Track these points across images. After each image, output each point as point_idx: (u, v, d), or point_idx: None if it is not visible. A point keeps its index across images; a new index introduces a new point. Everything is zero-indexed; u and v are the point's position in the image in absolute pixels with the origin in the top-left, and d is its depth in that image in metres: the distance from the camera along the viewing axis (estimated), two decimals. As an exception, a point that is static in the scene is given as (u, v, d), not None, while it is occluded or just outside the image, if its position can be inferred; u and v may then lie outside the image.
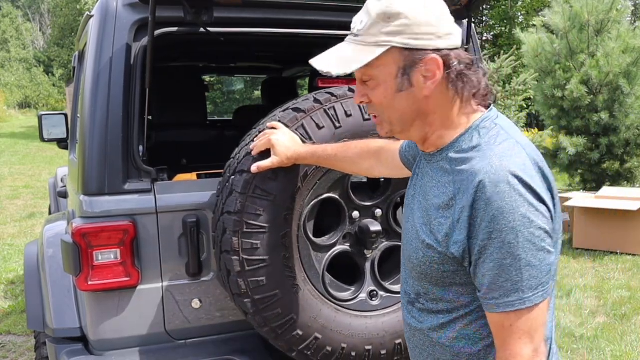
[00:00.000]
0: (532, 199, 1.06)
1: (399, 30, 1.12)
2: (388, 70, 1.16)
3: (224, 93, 14.98)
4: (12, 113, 29.72)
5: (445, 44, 1.13)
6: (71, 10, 29.15)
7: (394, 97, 1.18)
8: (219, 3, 2.20)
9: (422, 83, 1.15)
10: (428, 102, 1.17)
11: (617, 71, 7.31)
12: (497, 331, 1.11)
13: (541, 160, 1.13)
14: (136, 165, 2.11)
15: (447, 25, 1.14)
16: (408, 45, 1.12)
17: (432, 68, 1.13)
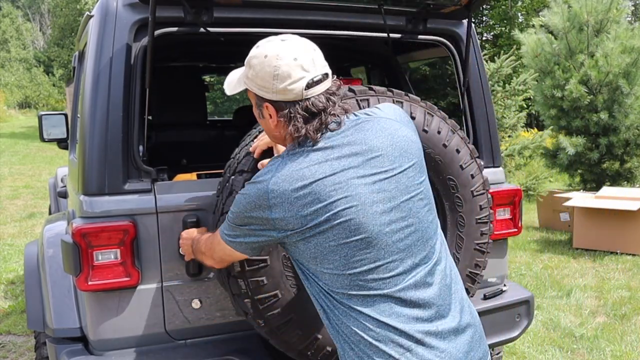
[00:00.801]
0: (248, 207, 1.51)
1: (251, 78, 1.52)
2: (252, 101, 1.57)
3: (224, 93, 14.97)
4: (12, 113, 29.72)
5: (279, 97, 1.48)
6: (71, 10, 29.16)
7: (259, 120, 1.60)
8: (219, 3, 2.20)
9: (268, 118, 1.54)
10: (278, 131, 1.55)
11: (617, 71, 7.30)
12: None
13: (270, 193, 1.46)
14: (136, 165, 2.12)
15: (284, 84, 1.45)
16: (254, 91, 1.52)
17: (270, 112, 1.52)
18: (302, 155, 1.47)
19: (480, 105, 2.68)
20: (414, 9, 2.48)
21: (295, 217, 1.44)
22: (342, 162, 1.46)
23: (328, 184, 1.43)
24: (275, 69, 1.45)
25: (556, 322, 4.29)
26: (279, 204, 1.44)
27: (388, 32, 2.45)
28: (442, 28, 2.59)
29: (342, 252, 1.44)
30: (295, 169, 1.45)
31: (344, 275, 1.45)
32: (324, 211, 1.43)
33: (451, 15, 2.56)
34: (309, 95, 1.47)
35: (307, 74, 1.46)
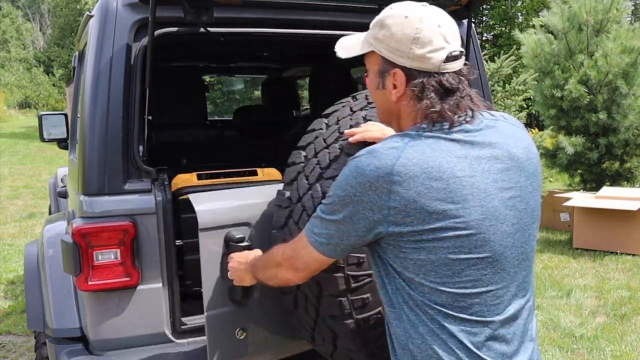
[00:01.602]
0: (358, 186, 1.26)
1: (381, 39, 1.34)
2: (373, 68, 1.39)
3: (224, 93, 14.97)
4: (12, 113, 29.69)
5: (414, 65, 1.30)
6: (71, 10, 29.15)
7: (375, 92, 1.41)
8: (219, 3, 2.20)
9: (391, 89, 1.35)
10: (398, 106, 1.37)
11: (616, 71, 7.30)
12: None
13: (396, 175, 1.23)
14: (136, 165, 2.12)
15: (423, 50, 1.29)
16: (383, 54, 1.34)
17: (398, 80, 1.33)
18: (438, 141, 1.26)
19: (480, 105, 2.68)
20: (414, 9, 2.48)
21: (418, 212, 1.22)
22: (482, 165, 1.27)
23: (466, 185, 1.24)
24: (416, 31, 1.28)
25: (556, 322, 4.29)
26: (403, 191, 1.21)
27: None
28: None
29: (457, 267, 1.25)
30: (431, 155, 1.24)
31: (449, 292, 1.26)
32: (453, 215, 1.22)
33: (451, 15, 2.55)
34: (445, 70, 1.30)
35: (447, 46, 1.30)
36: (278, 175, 2.69)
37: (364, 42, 1.40)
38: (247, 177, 2.62)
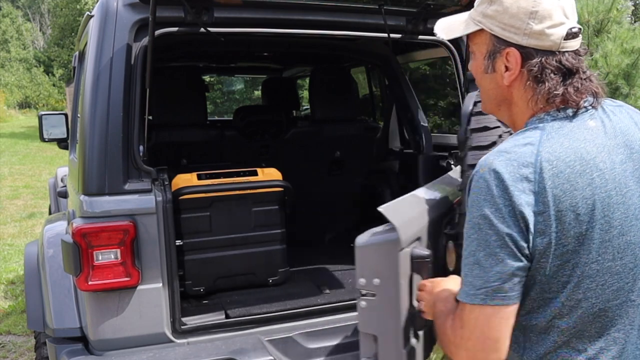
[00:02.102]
0: (497, 194, 1.05)
1: (492, 15, 1.17)
2: (480, 49, 1.22)
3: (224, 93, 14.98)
4: (12, 113, 29.69)
5: (530, 43, 1.14)
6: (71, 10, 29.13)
7: (482, 77, 1.24)
8: (219, 3, 2.20)
9: (503, 72, 1.18)
10: (510, 91, 1.20)
11: (616, 72, 7.30)
12: None
13: (560, 172, 1.06)
14: (136, 165, 2.12)
15: (542, 26, 1.13)
16: (494, 31, 1.17)
17: (512, 61, 1.16)
18: (572, 130, 1.11)
19: (480, 105, 2.68)
20: (414, 9, 2.48)
21: (564, 212, 1.05)
22: (618, 155, 1.12)
23: (609, 179, 1.09)
24: (534, 4, 1.12)
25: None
26: (545, 190, 1.05)
27: (388, 32, 2.45)
28: (442, 28, 2.59)
29: (601, 279, 1.10)
30: (567, 145, 1.09)
31: (591, 312, 1.10)
32: (600, 215, 1.07)
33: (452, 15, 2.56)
34: (565, 49, 1.14)
35: (567, 21, 1.14)
36: (278, 175, 2.69)
37: (468, 21, 1.23)
38: (247, 177, 2.62)
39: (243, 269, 2.63)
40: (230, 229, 2.58)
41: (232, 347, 2.19)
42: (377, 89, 4.55)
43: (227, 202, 2.56)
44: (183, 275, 2.47)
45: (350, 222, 3.70)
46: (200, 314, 2.34)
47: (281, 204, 2.68)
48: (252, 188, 2.59)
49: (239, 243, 2.60)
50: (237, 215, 2.58)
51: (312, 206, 3.40)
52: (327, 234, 3.68)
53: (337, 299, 2.51)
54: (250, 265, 2.64)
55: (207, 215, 2.53)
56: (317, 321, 2.41)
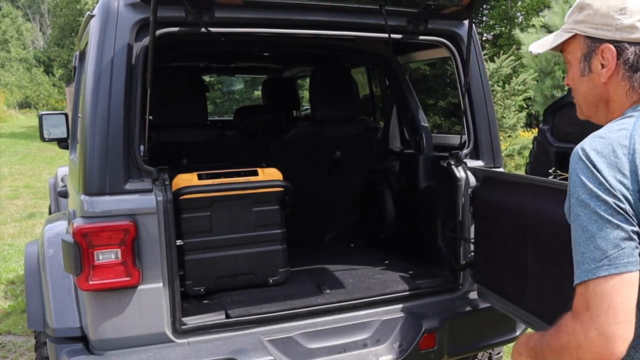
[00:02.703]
0: (596, 172, 1.11)
1: (583, 20, 1.27)
2: (575, 55, 1.31)
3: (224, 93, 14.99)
4: (12, 113, 29.69)
5: (623, 37, 1.22)
6: (71, 10, 29.14)
7: (579, 81, 1.31)
8: (220, 3, 2.20)
9: (600, 70, 1.25)
10: (607, 89, 1.26)
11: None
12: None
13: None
14: (137, 165, 2.12)
15: (632, 20, 1.22)
16: (587, 33, 1.26)
17: (607, 57, 1.24)
18: None
19: (480, 105, 2.68)
20: (415, 10, 2.48)
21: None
22: None
23: None
24: (622, 1, 1.23)
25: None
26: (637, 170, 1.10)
27: (389, 32, 2.45)
28: (443, 29, 2.59)
29: None
30: None
31: None
32: None
33: (452, 16, 2.56)
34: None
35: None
36: (278, 175, 2.69)
37: (562, 32, 1.33)
38: (247, 177, 2.62)
39: (243, 269, 2.63)
40: (230, 229, 2.58)
41: (232, 347, 2.19)
42: (378, 89, 4.55)
43: (227, 202, 2.56)
44: (183, 275, 2.47)
45: (350, 222, 3.70)
46: (200, 313, 2.34)
47: (281, 204, 2.68)
48: (253, 188, 2.60)
49: (240, 243, 2.60)
50: (237, 215, 2.58)
51: (312, 206, 3.40)
52: (327, 234, 3.68)
53: (337, 299, 2.51)
54: (250, 265, 2.64)
55: (207, 215, 2.53)
56: (317, 321, 2.41)
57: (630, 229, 1.08)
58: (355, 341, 2.42)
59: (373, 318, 2.48)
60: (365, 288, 2.65)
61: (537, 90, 8.22)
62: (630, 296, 1.06)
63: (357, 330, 2.45)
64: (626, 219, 1.08)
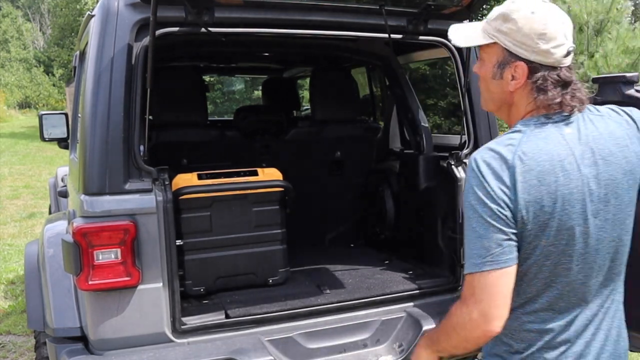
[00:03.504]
0: (484, 181, 1.31)
1: (506, 32, 1.38)
2: (491, 58, 1.44)
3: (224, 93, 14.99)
4: (12, 113, 29.70)
5: (537, 59, 1.36)
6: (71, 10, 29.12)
7: (489, 81, 1.46)
8: (220, 3, 2.20)
9: (509, 80, 1.41)
10: (512, 96, 1.43)
11: (617, 72, 7.31)
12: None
13: (524, 164, 1.31)
14: (137, 165, 2.12)
15: (548, 46, 1.34)
16: (507, 46, 1.39)
17: (519, 73, 1.39)
18: (546, 133, 1.35)
19: (480, 105, 2.69)
20: (415, 10, 2.48)
21: (531, 203, 1.29)
22: (584, 160, 1.34)
23: (573, 179, 1.32)
24: (544, 27, 1.34)
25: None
26: (516, 183, 1.29)
27: (389, 32, 2.45)
28: (443, 29, 2.59)
29: (555, 259, 1.36)
30: (542, 147, 1.32)
31: (544, 284, 1.40)
32: (560, 208, 1.31)
33: (452, 16, 2.56)
34: (563, 65, 1.37)
35: (566, 42, 1.37)
36: (278, 175, 2.69)
37: (484, 34, 1.43)
38: (247, 177, 2.62)
39: (243, 268, 2.63)
40: (230, 229, 2.58)
41: (232, 347, 2.19)
42: (378, 90, 4.55)
43: (227, 202, 2.56)
44: (183, 275, 2.47)
45: (350, 222, 3.70)
46: (200, 313, 2.34)
47: (281, 204, 2.68)
48: (253, 188, 2.60)
49: (240, 243, 2.60)
50: (237, 215, 2.58)
51: (312, 206, 3.40)
52: (327, 234, 3.68)
53: (337, 299, 2.52)
54: (250, 265, 2.64)
55: (207, 215, 2.53)
56: (317, 321, 2.41)
57: (510, 232, 1.30)
58: (355, 341, 2.42)
59: (373, 318, 2.48)
60: (365, 288, 2.65)
61: (537, 91, 8.23)
62: (507, 284, 1.31)
63: (357, 330, 2.45)
64: (507, 223, 1.30)
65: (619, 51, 7.35)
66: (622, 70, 7.31)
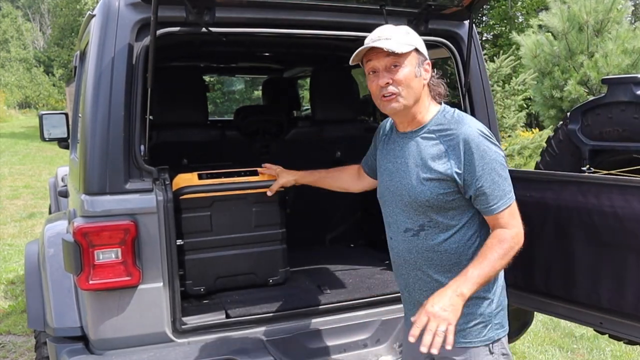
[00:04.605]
0: (492, 142, 1.78)
1: (415, 41, 1.81)
2: (413, 61, 1.80)
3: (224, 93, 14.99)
4: (12, 113, 29.70)
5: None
6: (71, 10, 29.14)
7: (413, 80, 1.79)
8: (221, 3, 2.20)
9: (425, 74, 1.83)
10: (423, 89, 1.84)
11: (617, 72, 7.31)
12: (499, 223, 1.76)
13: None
14: (137, 165, 2.12)
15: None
16: (421, 50, 1.82)
17: (429, 67, 1.85)
18: None
19: (481, 105, 2.69)
20: (415, 10, 2.48)
21: None
22: None
23: None
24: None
25: (556, 322, 4.29)
26: None
27: (389, 32, 2.45)
28: (443, 29, 2.59)
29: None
30: None
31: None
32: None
33: (452, 16, 2.56)
34: None
35: None
36: (279, 175, 2.69)
37: (405, 45, 1.80)
38: (247, 177, 2.62)
39: (243, 268, 2.63)
40: (230, 228, 2.58)
41: (233, 347, 2.19)
42: (378, 90, 4.54)
43: (227, 201, 2.56)
44: (184, 275, 2.47)
45: (350, 222, 3.70)
46: (200, 313, 2.34)
47: (281, 204, 2.68)
48: (253, 188, 2.59)
49: (240, 243, 2.60)
50: (237, 215, 2.58)
51: (312, 206, 3.40)
52: (327, 234, 3.68)
53: (337, 299, 2.52)
54: (250, 265, 2.64)
55: (207, 215, 2.53)
56: (317, 321, 2.42)
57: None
58: (355, 341, 2.42)
59: (373, 318, 2.48)
60: (365, 288, 2.65)
61: (536, 91, 8.22)
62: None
63: (357, 330, 2.45)
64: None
65: (618, 51, 7.35)
66: (623, 70, 7.31)
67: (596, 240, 2.17)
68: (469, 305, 1.73)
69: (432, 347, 1.56)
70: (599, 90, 7.50)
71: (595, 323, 2.30)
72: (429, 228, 1.82)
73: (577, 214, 2.23)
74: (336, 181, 2.45)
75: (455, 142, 1.75)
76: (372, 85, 1.82)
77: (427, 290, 1.82)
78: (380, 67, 1.78)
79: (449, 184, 1.76)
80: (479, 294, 1.77)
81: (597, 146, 2.54)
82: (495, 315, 1.83)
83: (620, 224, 2.07)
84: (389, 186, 1.92)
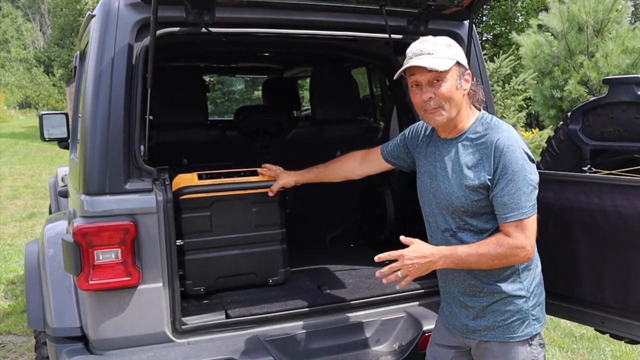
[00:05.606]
0: (527, 157, 1.85)
1: (456, 54, 1.88)
2: (454, 74, 1.88)
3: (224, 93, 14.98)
4: (12, 113, 29.72)
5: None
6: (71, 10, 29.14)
7: (454, 92, 1.88)
8: (221, 3, 2.20)
9: (465, 85, 1.91)
10: (464, 99, 1.92)
11: (617, 72, 7.31)
12: (504, 231, 1.84)
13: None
14: (137, 165, 2.12)
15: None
16: (462, 62, 1.90)
17: (469, 78, 1.93)
18: None
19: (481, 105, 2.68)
20: (415, 10, 2.48)
21: None
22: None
23: None
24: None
25: (556, 321, 4.29)
26: None
27: (389, 33, 2.45)
28: (443, 29, 2.59)
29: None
30: None
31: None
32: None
33: (452, 16, 2.56)
34: None
35: None
36: (278, 175, 2.69)
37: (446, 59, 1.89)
38: (247, 177, 2.62)
39: (243, 268, 2.63)
40: (230, 228, 2.58)
41: (232, 347, 2.19)
42: (378, 90, 4.55)
43: (227, 202, 2.56)
44: (183, 275, 2.47)
45: (350, 222, 3.70)
46: (200, 313, 2.34)
47: (281, 204, 2.68)
48: (253, 188, 2.59)
49: (240, 243, 2.60)
50: (237, 215, 2.58)
51: (312, 206, 3.40)
52: (327, 234, 3.68)
53: (337, 299, 2.52)
54: (250, 265, 2.64)
55: (207, 215, 2.53)
56: (317, 321, 2.42)
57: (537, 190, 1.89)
58: (355, 341, 2.42)
59: (373, 318, 2.48)
60: (365, 288, 2.65)
61: (536, 91, 8.23)
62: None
63: (357, 330, 2.45)
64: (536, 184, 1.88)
65: (618, 51, 7.35)
66: (623, 70, 7.31)
67: (600, 240, 2.20)
68: (508, 303, 1.91)
69: (385, 279, 1.92)
70: (599, 90, 7.49)
71: (597, 322, 2.32)
72: (464, 230, 1.92)
73: (579, 213, 2.26)
74: (338, 171, 2.50)
75: (490, 149, 1.85)
76: (415, 98, 1.92)
77: (463, 286, 1.98)
78: (423, 81, 1.86)
79: (483, 190, 1.85)
80: (517, 292, 1.91)
81: (598, 146, 2.55)
82: (533, 310, 1.94)
83: (623, 223, 2.12)
84: (429, 187, 2.02)
